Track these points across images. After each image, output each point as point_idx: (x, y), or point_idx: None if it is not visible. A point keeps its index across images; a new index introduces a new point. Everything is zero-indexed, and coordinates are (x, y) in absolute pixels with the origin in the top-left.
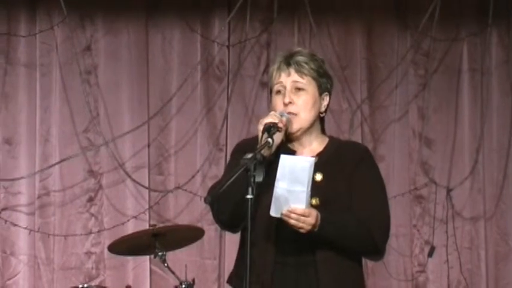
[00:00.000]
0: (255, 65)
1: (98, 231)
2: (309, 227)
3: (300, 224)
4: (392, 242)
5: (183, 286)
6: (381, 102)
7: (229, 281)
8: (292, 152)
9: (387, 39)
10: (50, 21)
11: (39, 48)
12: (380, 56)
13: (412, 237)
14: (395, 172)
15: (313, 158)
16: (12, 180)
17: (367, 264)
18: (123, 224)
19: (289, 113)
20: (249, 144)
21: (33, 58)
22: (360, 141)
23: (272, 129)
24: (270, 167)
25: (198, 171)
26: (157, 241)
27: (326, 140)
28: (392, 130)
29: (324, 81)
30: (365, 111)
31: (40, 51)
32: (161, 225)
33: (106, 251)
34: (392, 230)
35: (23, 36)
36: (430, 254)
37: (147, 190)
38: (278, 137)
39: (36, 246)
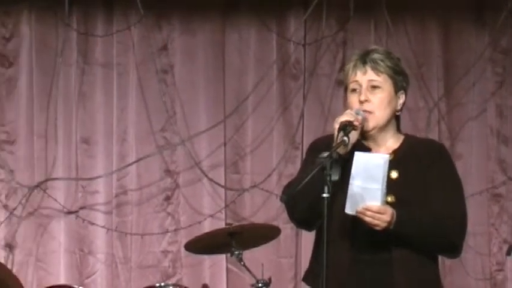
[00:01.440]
0: (331, 63)
1: (175, 230)
2: (384, 225)
3: (375, 222)
4: (469, 241)
5: (260, 285)
6: (458, 100)
7: (305, 279)
8: (368, 150)
9: (464, 37)
10: (127, 21)
11: (116, 48)
12: (457, 53)
13: (490, 235)
14: (472, 170)
15: (388, 155)
16: (90, 179)
17: (445, 262)
18: (199, 222)
19: (364, 111)
20: (324, 142)
21: (110, 58)
22: (437, 139)
23: (348, 127)
24: (346, 165)
25: (274, 170)
26: (233, 240)
27: (402, 138)
28: (470, 128)
29: (399, 79)
30: (442, 109)
31: (117, 51)
32: (237, 224)
33: (183, 249)
34: (470, 228)
35: (100, 36)
36: (509, 253)
37: (223, 189)
38: (354, 136)
39: (113, 244)
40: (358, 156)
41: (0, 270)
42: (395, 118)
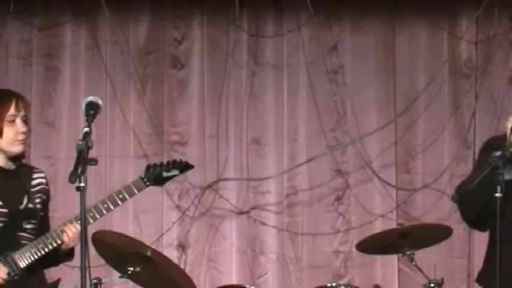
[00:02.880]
0: (503, 61)
1: (346, 230)
2: None
3: None
4: None
5: (432, 285)
6: None
7: (478, 280)
8: None
9: None
10: (297, 21)
11: (286, 48)
12: None
13: None
14: None
15: None
16: (261, 179)
17: None
18: (370, 222)
19: None
20: (497, 142)
21: (281, 58)
22: None
23: None
24: None
25: (445, 170)
26: (405, 240)
27: None
28: None
29: None
30: None
31: (287, 51)
32: (409, 224)
33: (354, 249)
34: None
35: (271, 37)
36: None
37: (394, 189)
38: None
39: (284, 244)
40: None
41: (173, 270)
42: None
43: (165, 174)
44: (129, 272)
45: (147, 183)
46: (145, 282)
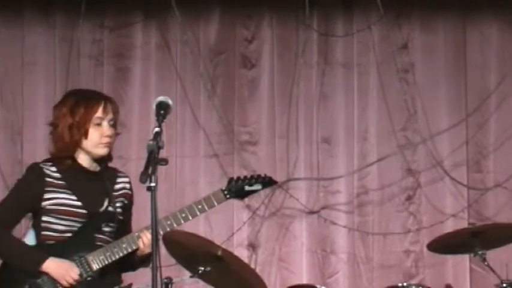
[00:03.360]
0: None
1: (417, 230)
2: None
3: None
4: None
5: (504, 285)
6: None
7: None
8: None
9: None
10: (367, 20)
11: (356, 47)
12: None
13: None
14: None
15: None
16: (331, 179)
17: None
18: (441, 222)
19: None
20: None
21: (351, 58)
22: None
23: None
24: None
25: None
26: (476, 240)
27: None
28: None
29: None
30: None
31: (357, 51)
32: (481, 223)
33: (425, 249)
34: None
35: (341, 37)
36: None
37: (465, 188)
38: None
39: (355, 244)
40: None
41: (243, 270)
42: None
43: (247, 188)
44: (200, 272)
45: (228, 196)
46: (216, 281)
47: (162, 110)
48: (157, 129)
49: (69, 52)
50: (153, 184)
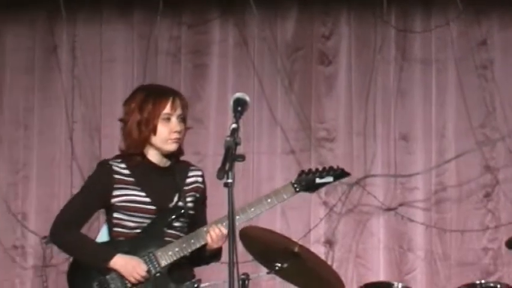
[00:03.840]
0: None
1: (495, 227)
2: None
3: None
4: None
5: None
6: None
7: None
8: None
9: None
10: (445, 16)
11: (434, 44)
12: None
13: None
14: None
15: None
16: (409, 176)
17: None
18: None
19: None
20: None
21: (429, 54)
22: None
23: None
24: None
25: None
26: None
27: None
28: None
29: None
30: None
31: (436, 47)
32: None
33: (503, 246)
34: None
35: (419, 33)
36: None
37: None
38: None
39: (433, 241)
40: None
41: (320, 267)
42: None
43: (318, 180)
44: (277, 268)
45: (297, 189)
46: (293, 278)
47: (240, 106)
48: (234, 125)
49: (147, 49)
50: (230, 180)
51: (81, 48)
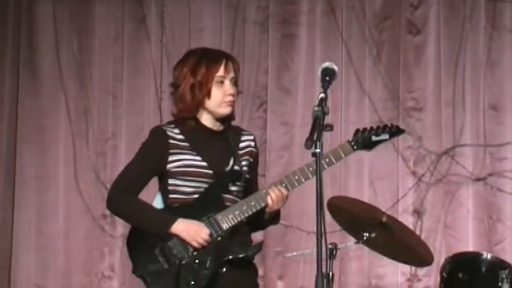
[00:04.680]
0: None
1: None
2: None
3: None
4: None
5: None
6: None
7: None
8: None
9: None
10: None
11: None
12: None
13: None
14: None
15: None
16: (499, 145)
17: None
18: None
19: None
20: None
21: None
22: None
23: None
24: None
25: None
26: None
27: None
28: None
29: None
30: None
31: None
32: None
33: None
34: None
35: (509, 2)
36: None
37: None
38: None
39: None
40: None
41: (408, 237)
42: None
43: (374, 138)
44: (365, 238)
45: (355, 147)
46: (381, 248)
47: (328, 76)
48: (322, 95)
49: (235, 18)
50: (318, 150)
51: (169, 18)
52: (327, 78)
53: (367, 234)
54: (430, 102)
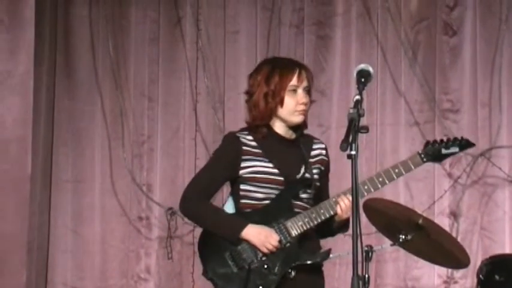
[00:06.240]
0: None
1: None
2: None
3: None
4: None
5: None
6: None
7: None
8: None
9: None
10: None
11: None
12: None
13: None
14: None
15: None
16: None
17: None
18: None
19: None
20: None
21: None
22: None
23: None
24: None
25: None
26: None
27: None
28: None
29: None
30: None
31: None
32: None
33: None
34: None
35: None
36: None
37: None
38: None
39: None
40: None
41: (445, 239)
42: None
43: (444, 151)
44: (401, 240)
45: (425, 159)
46: (417, 250)
47: (363, 77)
48: (358, 97)
49: (270, 20)
50: (353, 152)
51: (205, 20)
52: (363, 80)
53: (403, 237)
54: (466, 103)
